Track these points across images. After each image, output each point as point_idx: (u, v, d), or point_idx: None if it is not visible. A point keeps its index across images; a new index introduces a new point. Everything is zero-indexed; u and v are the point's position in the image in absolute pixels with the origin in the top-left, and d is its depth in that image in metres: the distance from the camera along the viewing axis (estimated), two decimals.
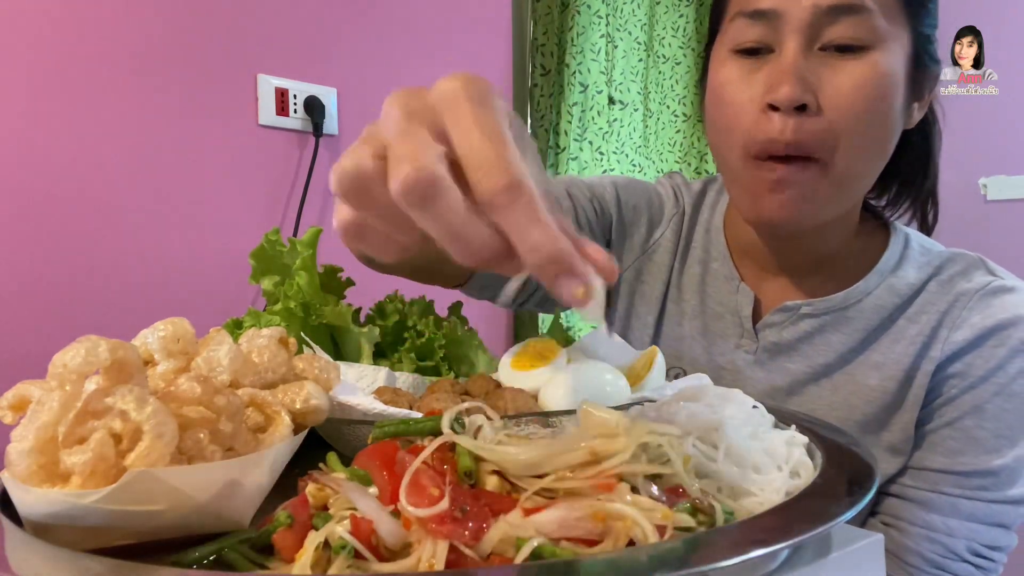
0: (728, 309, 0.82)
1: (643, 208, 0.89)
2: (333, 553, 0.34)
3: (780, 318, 0.78)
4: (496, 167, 0.30)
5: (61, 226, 1.40)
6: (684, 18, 2.38)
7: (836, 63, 0.66)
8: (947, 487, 0.71)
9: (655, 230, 0.89)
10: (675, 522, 0.34)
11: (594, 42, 2.11)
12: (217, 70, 1.56)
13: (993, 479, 0.69)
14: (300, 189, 1.66)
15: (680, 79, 2.40)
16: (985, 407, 0.70)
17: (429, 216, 0.30)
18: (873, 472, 0.42)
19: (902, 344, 0.74)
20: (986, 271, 0.76)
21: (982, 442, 0.70)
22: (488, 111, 0.32)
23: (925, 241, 0.80)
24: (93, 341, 0.40)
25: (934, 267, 0.76)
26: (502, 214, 0.30)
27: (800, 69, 0.65)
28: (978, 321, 0.71)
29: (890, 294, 0.76)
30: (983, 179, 2.42)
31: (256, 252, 0.67)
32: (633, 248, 0.89)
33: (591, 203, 0.88)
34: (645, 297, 0.88)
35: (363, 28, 1.75)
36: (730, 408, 0.47)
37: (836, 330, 0.76)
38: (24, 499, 0.37)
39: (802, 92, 0.64)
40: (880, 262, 0.77)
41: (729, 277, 0.83)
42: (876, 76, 0.66)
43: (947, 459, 0.71)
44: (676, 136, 2.43)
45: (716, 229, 0.86)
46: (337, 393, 0.51)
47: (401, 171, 0.30)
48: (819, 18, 0.65)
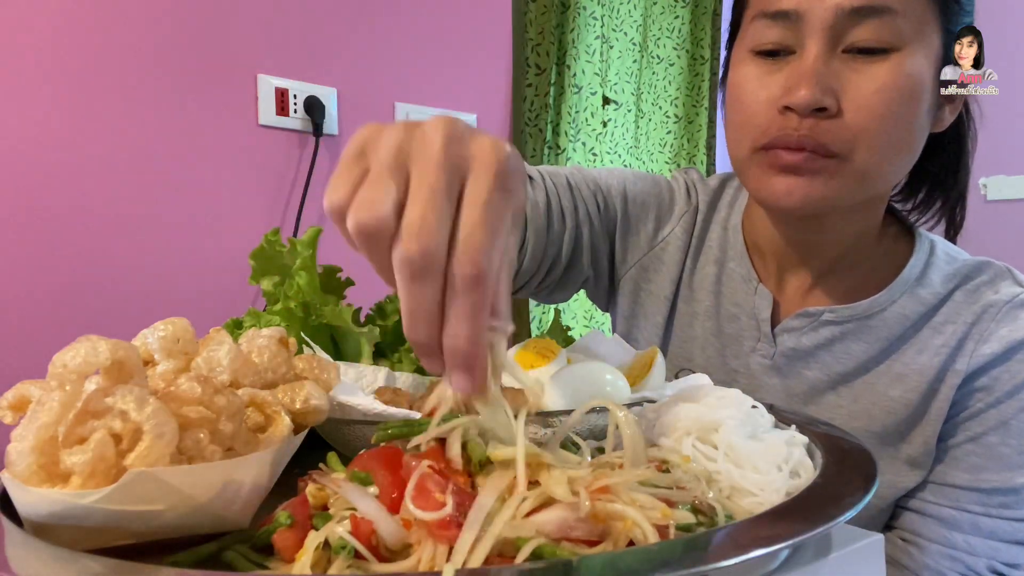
0: (744, 311, 0.79)
1: (651, 204, 0.87)
2: (333, 553, 0.34)
3: (800, 323, 0.75)
4: (477, 254, 0.34)
5: (61, 226, 1.40)
6: (679, 19, 2.39)
7: (859, 66, 0.63)
8: (969, 504, 0.69)
9: (663, 227, 0.87)
10: (675, 522, 0.34)
11: (589, 43, 2.11)
12: (217, 70, 1.56)
13: (1015, 497, 0.68)
14: (300, 189, 1.66)
15: (673, 80, 2.41)
16: (1010, 423, 0.68)
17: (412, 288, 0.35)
18: (873, 472, 0.42)
19: (926, 355, 0.72)
20: (1014, 281, 0.73)
21: (1006, 459, 0.68)
22: (501, 195, 0.35)
23: (950, 249, 0.77)
24: (93, 341, 0.40)
25: (961, 276, 0.74)
26: (454, 295, 0.35)
27: (820, 72, 0.63)
28: (1006, 334, 0.69)
29: (915, 303, 0.73)
30: (983, 179, 2.42)
31: (256, 252, 0.67)
32: (639, 245, 0.87)
33: (594, 196, 0.85)
34: (653, 296, 0.86)
35: (363, 28, 1.75)
36: (729, 408, 0.47)
37: (858, 338, 0.74)
38: (24, 499, 0.37)
39: (821, 95, 0.62)
40: (905, 270, 0.74)
41: (747, 278, 0.80)
42: (900, 79, 0.63)
43: (970, 475, 0.70)
44: (667, 137, 2.43)
45: (734, 228, 0.83)
46: (337, 393, 0.51)
47: (411, 243, 0.34)
48: (842, 20, 0.63)
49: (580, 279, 0.87)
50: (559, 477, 0.35)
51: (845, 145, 0.64)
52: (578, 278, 0.87)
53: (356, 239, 0.35)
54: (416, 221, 0.34)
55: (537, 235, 0.79)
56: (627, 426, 0.39)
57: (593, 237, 0.85)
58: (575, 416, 0.41)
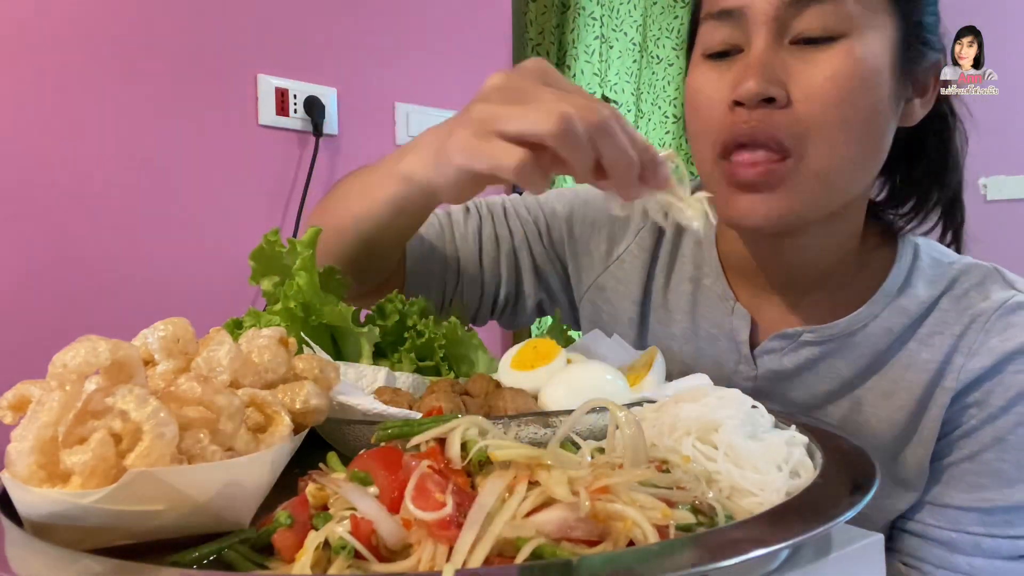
0: (723, 332, 0.76)
1: (602, 222, 0.84)
2: (333, 553, 0.34)
3: (779, 344, 0.73)
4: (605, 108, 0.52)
5: (61, 226, 1.40)
6: (679, 19, 2.39)
7: (807, 56, 0.62)
8: (970, 525, 0.67)
9: (618, 244, 0.84)
10: (675, 522, 0.34)
11: (588, 43, 2.11)
12: (217, 70, 1.56)
13: (1018, 513, 0.66)
14: (300, 189, 1.66)
15: (672, 80, 2.41)
16: (1007, 438, 0.66)
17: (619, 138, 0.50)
18: (873, 472, 0.42)
19: (913, 371, 0.69)
20: (1004, 284, 0.70)
21: (1005, 475, 0.66)
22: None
23: (936, 251, 0.74)
24: (93, 341, 0.40)
25: (947, 281, 0.71)
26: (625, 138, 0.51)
27: (766, 63, 0.62)
28: (996, 345, 0.66)
29: (899, 315, 0.70)
30: (983, 179, 2.42)
31: (256, 253, 0.67)
32: (593, 265, 0.85)
33: (534, 221, 0.85)
34: (615, 317, 0.83)
35: (363, 28, 1.75)
36: (729, 408, 0.47)
37: (841, 356, 0.71)
38: (24, 499, 0.37)
39: (767, 86, 0.61)
40: (887, 281, 0.71)
41: (723, 297, 0.77)
42: (850, 64, 0.61)
43: (969, 495, 0.67)
44: (666, 137, 2.43)
45: (708, 242, 0.79)
46: (337, 393, 0.51)
47: (594, 112, 0.50)
48: (784, 11, 0.62)
49: (532, 302, 0.87)
50: (559, 477, 0.35)
51: (798, 139, 0.62)
52: (528, 301, 0.87)
53: (588, 130, 0.49)
54: (584, 105, 0.50)
55: (470, 262, 0.82)
56: (627, 426, 0.39)
57: (536, 260, 0.86)
58: (575, 416, 0.41)
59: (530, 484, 0.35)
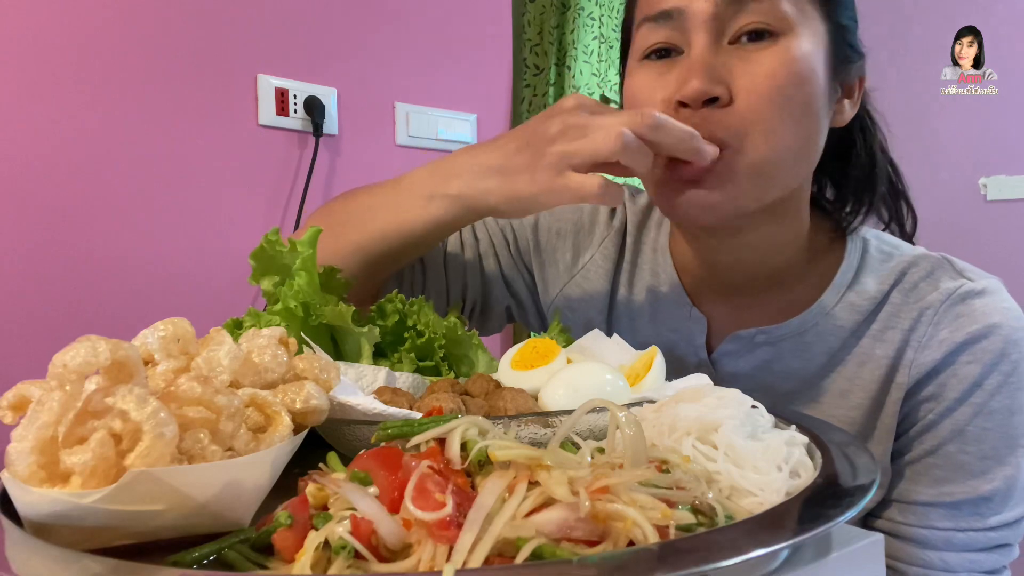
0: (682, 337, 0.77)
1: (568, 232, 0.85)
2: (333, 553, 0.34)
3: (735, 347, 0.74)
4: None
5: (61, 226, 1.40)
6: None
7: (747, 54, 0.63)
8: (939, 521, 0.67)
9: (582, 254, 0.84)
10: (675, 522, 0.34)
11: (588, 43, 2.11)
12: (217, 70, 1.56)
13: (987, 505, 0.66)
14: (300, 189, 1.66)
15: None
16: (966, 430, 0.66)
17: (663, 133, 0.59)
18: (874, 472, 0.42)
19: (868, 368, 0.70)
20: (953, 272, 0.70)
21: (968, 467, 0.66)
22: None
23: (886, 244, 0.75)
24: (93, 341, 0.40)
25: (896, 274, 0.71)
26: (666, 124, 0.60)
27: (708, 63, 0.63)
28: (947, 336, 0.67)
29: (850, 312, 0.71)
30: (983, 179, 2.42)
31: (256, 252, 0.67)
32: (559, 274, 0.85)
33: (501, 231, 0.86)
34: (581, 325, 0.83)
35: (363, 28, 1.75)
36: (729, 408, 0.47)
37: (796, 356, 0.72)
38: (24, 499, 0.37)
39: (711, 85, 0.62)
40: (836, 277, 0.71)
41: (680, 302, 0.78)
42: (789, 62, 0.63)
43: (934, 490, 0.68)
44: None
45: (663, 249, 0.81)
46: (337, 393, 0.51)
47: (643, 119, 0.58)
48: (722, 10, 0.63)
49: (500, 307, 0.88)
50: (559, 477, 0.35)
51: (735, 134, 0.63)
52: (497, 307, 0.88)
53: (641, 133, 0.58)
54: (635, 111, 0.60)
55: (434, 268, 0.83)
56: (627, 426, 0.39)
57: (503, 268, 0.87)
58: (575, 416, 0.41)
59: (530, 484, 0.35)
